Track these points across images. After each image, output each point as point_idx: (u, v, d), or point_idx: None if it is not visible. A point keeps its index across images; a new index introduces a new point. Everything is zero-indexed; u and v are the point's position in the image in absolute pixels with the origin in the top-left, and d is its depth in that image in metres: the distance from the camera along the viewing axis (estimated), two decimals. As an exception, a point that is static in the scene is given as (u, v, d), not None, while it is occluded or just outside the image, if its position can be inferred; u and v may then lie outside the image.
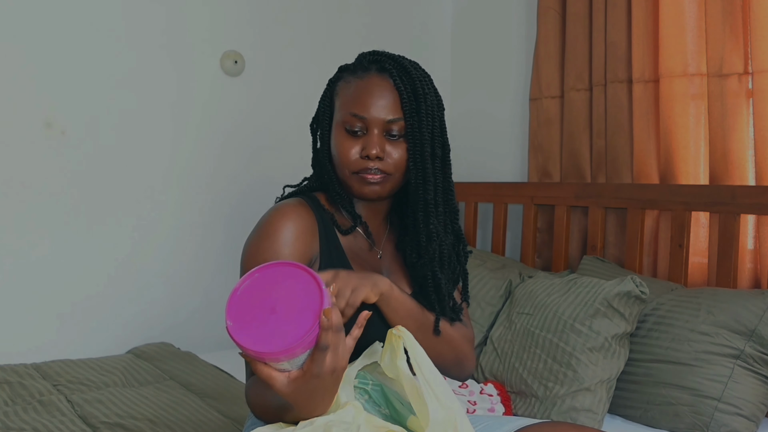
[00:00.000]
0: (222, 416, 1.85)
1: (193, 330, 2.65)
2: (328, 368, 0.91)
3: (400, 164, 1.18)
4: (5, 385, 2.07)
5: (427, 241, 1.19)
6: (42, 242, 2.38)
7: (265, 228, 1.16)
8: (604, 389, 1.78)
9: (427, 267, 1.20)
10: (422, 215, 1.19)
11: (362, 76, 1.20)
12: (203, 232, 2.65)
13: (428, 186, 1.18)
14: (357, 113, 1.17)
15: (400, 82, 1.17)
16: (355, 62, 1.24)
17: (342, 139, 1.18)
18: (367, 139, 1.17)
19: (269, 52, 2.75)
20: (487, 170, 2.99)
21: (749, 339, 1.71)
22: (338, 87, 1.23)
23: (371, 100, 1.17)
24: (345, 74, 1.23)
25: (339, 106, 1.21)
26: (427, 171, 1.18)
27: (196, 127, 2.63)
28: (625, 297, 1.80)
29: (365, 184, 1.17)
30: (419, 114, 1.17)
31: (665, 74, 2.19)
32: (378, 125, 1.16)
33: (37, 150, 2.36)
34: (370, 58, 1.22)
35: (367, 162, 1.16)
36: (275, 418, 1.04)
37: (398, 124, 1.17)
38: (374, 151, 1.15)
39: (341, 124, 1.19)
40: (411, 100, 1.17)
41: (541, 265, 2.62)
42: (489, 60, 3.00)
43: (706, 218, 2.13)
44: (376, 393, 1.08)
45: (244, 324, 0.90)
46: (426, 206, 1.19)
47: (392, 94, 1.17)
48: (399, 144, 1.18)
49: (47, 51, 2.36)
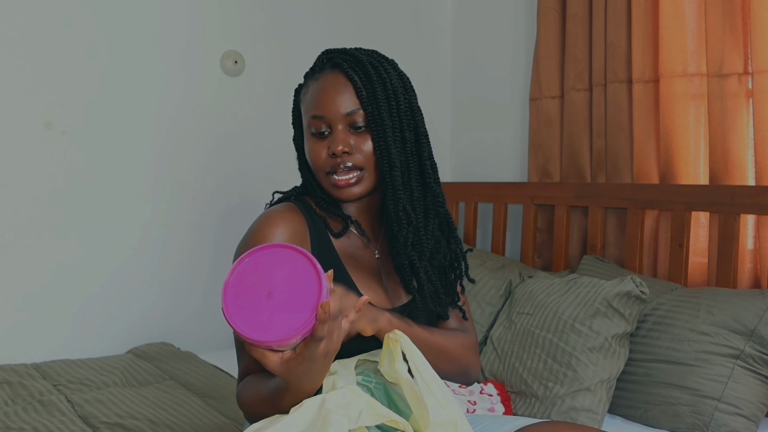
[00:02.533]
0: (222, 416, 1.85)
1: (193, 330, 2.65)
2: (321, 353, 0.91)
3: (370, 155, 1.16)
4: (5, 385, 2.07)
5: (398, 228, 1.18)
6: (42, 242, 2.38)
7: (253, 236, 1.16)
8: (604, 389, 1.78)
9: (402, 255, 1.18)
10: (392, 203, 1.17)
11: (318, 77, 1.20)
12: (203, 231, 2.65)
13: (395, 171, 1.16)
14: (316, 114, 1.17)
15: (352, 73, 1.16)
16: (312, 66, 1.25)
17: (311, 144, 1.18)
18: (332, 137, 1.16)
19: (269, 52, 2.75)
20: (487, 170, 2.99)
21: (749, 339, 1.71)
22: (301, 95, 1.24)
23: (326, 97, 1.16)
24: (306, 80, 1.24)
25: (303, 113, 1.21)
26: (392, 156, 1.16)
27: (197, 127, 2.63)
28: (625, 297, 1.80)
29: (339, 189, 1.16)
30: (377, 100, 1.15)
31: (665, 74, 2.19)
32: (339, 121, 1.16)
33: (37, 150, 2.36)
34: (324, 58, 1.22)
35: (335, 159, 1.15)
36: (268, 409, 1.03)
37: (359, 114, 1.16)
38: (339, 148, 1.14)
39: (308, 129, 1.19)
40: (366, 88, 1.16)
41: (541, 265, 2.62)
42: (489, 60, 3.00)
43: (706, 218, 2.13)
44: (378, 392, 1.08)
45: (240, 306, 0.89)
46: (394, 192, 1.17)
47: (347, 86, 1.16)
48: (365, 135, 1.17)
49: (47, 51, 2.36)
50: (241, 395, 1.11)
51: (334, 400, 0.95)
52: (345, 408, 0.95)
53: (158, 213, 2.58)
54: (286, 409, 0.99)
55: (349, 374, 1.06)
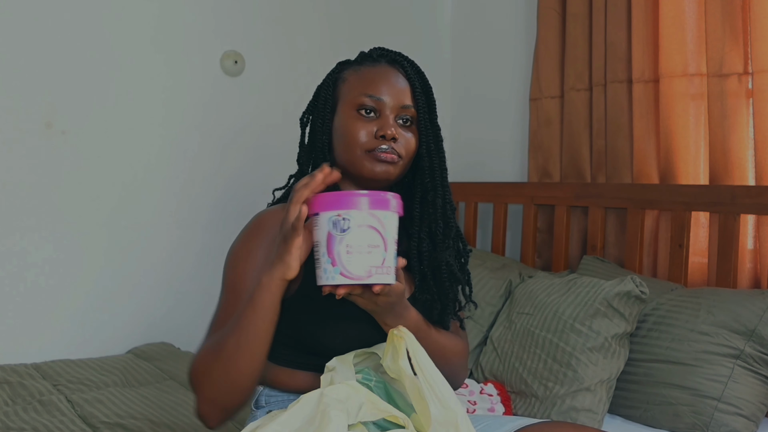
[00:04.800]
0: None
1: (193, 330, 2.64)
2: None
3: (411, 150, 1.20)
4: (5, 385, 2.07)
5: (445, 228, 1.20)
6: (42, 242, 2.38)
7: (245, 236, 1.19)
8: (604, 389, 1.79)
9: (443, 255, 1.19)
10: (441, 201, 1.20)
11: (373, 64, 1.23)
12: (203, 231, 2.65)
13: (445, 173, 1.22)
14: (374, 94, 1.18)
15: (412, 73, 1.22)
16: (359, 57, 1.27)
17: (354, 122, 1.18)
18: (382, 121, 1.18)
19: (269, 52, 2.75)
20: (487, 170, 2.99)
21: (749, 339, 1.71)
22: (345, 74, 1.25)
23: (387, 84, 1.19)
24: (350, 65, 1.26)
25: (348, 90, 1.22)
26: (443, 158, 1.22)
27: (197, 127, 2.63)
28: (625, 297, 1.80)
29: (378, 162, 1.16)
30: (430, 105, 1.22)
31: (665, 74, 2.19)
32: (393, 109, 1.19)
33: (37, 150, 2.36)
34: (378, 52, 1.25)
35: (380, 141, 1.17)
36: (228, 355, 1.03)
37: (410, 111, 1.20)
38: (390, 131, 1.16)
39: (352, 106, 1.19)
40: (421, 91, 1.21)
41: (541, 265, 2.62)
42: (489, 60, 3.00)
43: (706, 218, 2.14)
44: (378, 390, 1.08)
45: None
46: (444, 192, 1.21)
47: (405, 82, 1.21)
48: (409, 130, 1.20)
49: (47, 51, 2.36)
50: (197, 356, 1.09)
51: (333, 395, 0.95)
52: (344, 403, 0.94)
53: (158, 213, 2.58)
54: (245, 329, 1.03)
55: (348, 369, 1.06)
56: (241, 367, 1.04)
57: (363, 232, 0.93)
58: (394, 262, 0.98)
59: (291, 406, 0.96)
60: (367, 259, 0.94)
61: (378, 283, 0.96)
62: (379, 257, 0.95)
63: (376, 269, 0.94)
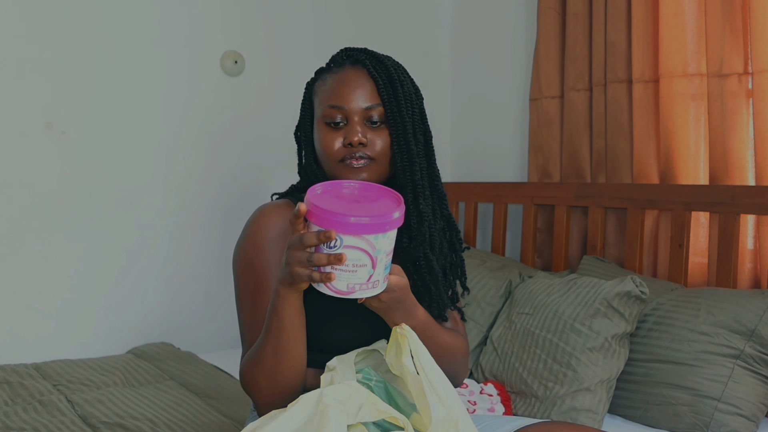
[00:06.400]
0: (222, 416, 1.85)
1: (193, 330, 2.65)
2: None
3: (384, 150, 1.19)
4: (5, 385, 2.07)
5: (418, 223, 1.19)
6: (42, 242, 2.38)
7: (249, 229, 1.19)
8: (604, 389, 1.78)
9: (419, 249, 1.19)
10: (411, 196, 1.19)
11: (337, 71, 1.23)
12: (203, 231, 2.65)
13: (414, 167, 1.19)
14: (335, 104, 1.19)
15: (374, 71, 1.20)
16: (329, 62, 1.27)
17: (324, 133, 1.20)
18: (349, 128, 1.18)
19: (269, 52, 2.75)
20: (487, 170, 2.99)
21: (749, 339, 1.71)
22: (315, 87, 1.26)
23: (347, 90, 1.19)
24: (321, 74, 1.26)
25: (318, 104, 1.23)
26: (412, 152, 1.19)
27: (197, 127, 2.63)
28: (625, 297, 1.80)
29: (353, 170, 1.17)
30: (397, 98, 1.19)
31: (665, 74, 2.19)
32: (357, 113, 1.18)
33: (37, 150, 2.36)
34: (343, 54, 1.25)
35: (350, 149, 1.17)
36: (269, 364, 1.05)
37: (377, 110, 1.19)
38: (356, 138, 1.16)
39: (321, 120, 1.21)
40: (387, 86, 1.19)
41: (541, 265, 2.62)
42: (489, 60, 3.00)
43: (706, 218, 2.13)
44: (379, 389, 1.08)
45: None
46: (414, 187, 1.19)
47: (368, 82, 1.20)
48: (381, 131, 1.19)
49: (47, 51, 2.36)
50: (244, 365, 1.12)
51: (333, 395, 0.95)
52: (344, 403, 0.94)
53: (158, 213, 2.58)
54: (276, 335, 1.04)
55: (348, 369, 1.06)
56: (285, 372, 1.07)
57: (350, 252, 0.93)
58: (384, 273, 0.97)
59: (290, 406, 0.96)
60: (351, 276, 0.94)
61: (360, 297, 0.97)
62: (365, 275, 0.94)
63: (360, 285, 0.95)
